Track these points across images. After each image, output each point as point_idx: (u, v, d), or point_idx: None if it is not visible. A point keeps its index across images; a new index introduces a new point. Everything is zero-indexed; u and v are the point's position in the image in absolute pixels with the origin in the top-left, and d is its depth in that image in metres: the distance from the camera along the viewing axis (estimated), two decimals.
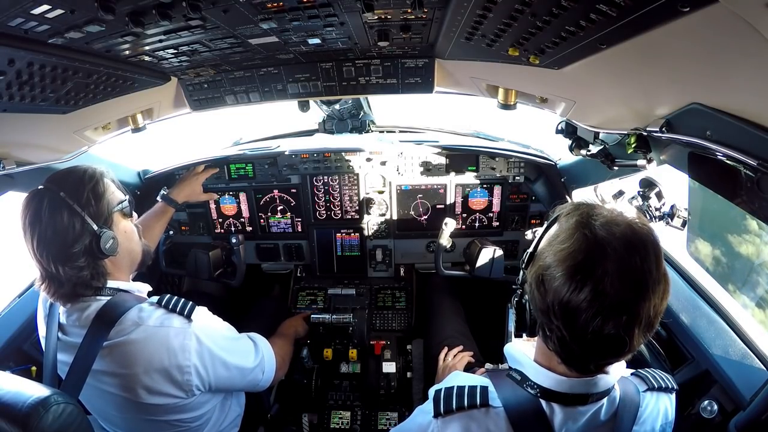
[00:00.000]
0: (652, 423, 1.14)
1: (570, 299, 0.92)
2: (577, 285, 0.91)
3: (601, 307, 0.89)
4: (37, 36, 0.96)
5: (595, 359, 1.00)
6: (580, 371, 1.03)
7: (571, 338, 0.95)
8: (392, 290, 2.97)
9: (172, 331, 1.40)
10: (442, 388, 1.16)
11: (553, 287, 0.95)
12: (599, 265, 0.90)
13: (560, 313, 0.94)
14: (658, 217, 1.62)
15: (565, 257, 0.94)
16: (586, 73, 1.22)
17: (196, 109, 2.02)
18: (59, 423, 1.09)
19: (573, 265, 0.92)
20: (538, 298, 1.00)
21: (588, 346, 0.95)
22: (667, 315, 1.78)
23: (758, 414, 1.38)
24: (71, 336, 1.43)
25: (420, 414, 1.22)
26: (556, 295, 0.94)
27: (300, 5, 1.10)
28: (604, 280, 0.89)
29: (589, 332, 0.92)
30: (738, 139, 0.96)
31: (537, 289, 1.00)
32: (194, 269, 2.50)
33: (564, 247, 0.95)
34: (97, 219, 1.38)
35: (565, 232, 0.98)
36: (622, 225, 0.94)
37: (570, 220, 1.00)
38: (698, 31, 0.80)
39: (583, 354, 0.98)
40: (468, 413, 1.09)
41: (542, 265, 1.00)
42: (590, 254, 0.92)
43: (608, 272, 0.89)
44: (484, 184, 2.71)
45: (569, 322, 0.94)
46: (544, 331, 1.03)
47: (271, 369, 1.79)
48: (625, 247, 0.90)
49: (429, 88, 1.86)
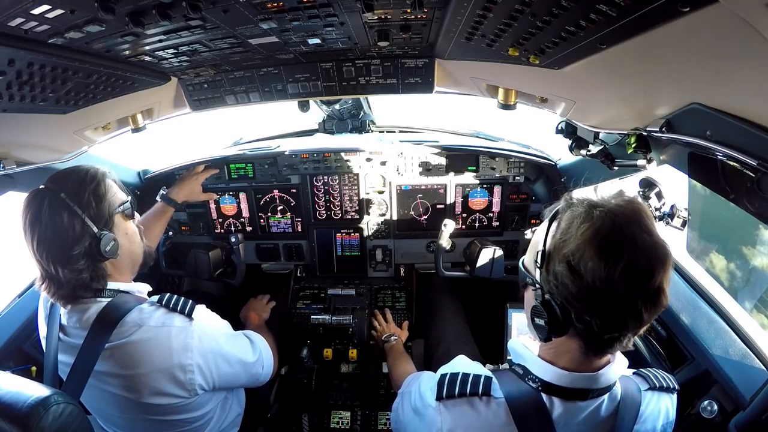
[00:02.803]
0: (653, 422, 1.15)
1: (608, 273, 0.92)
2: (612, 257, 0.92)
3: (635, 274, 0.92)
4: (37, 36, 0.96)
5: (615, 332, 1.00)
6: (595, 351, 1.04)
7: (606, 317, 0.97)
8: (392, 290, 2.97)
9: (173, 330, 1.40)
10: (448, 372, 1.19)
11: (589, 267, 0.94)
12: (626, 233, 0.94)
13: (603, 290, 0.94)
14: (658, 217, 1.62)
15: (593, 234, 0.95)
16: (586, 73, 1.22)
17: (196, 109, 2.02)
18: (59, 423, 1.09)
19: (603, 237, 0.94)
20: (571, 284, 0.98)
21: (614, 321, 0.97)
22: (668, 315, 1.80)
23: (758, 414, 1.38)
24: (72, 337, 1.42)
25: (420, 396, 1.25)
26: (595, 273, 0.93)
27: (300, 5, 1.10)
28: (635, 245, 0.93)
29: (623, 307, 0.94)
30: (738, 139, 0.96)
31: (570, 276, 0.98)
32: (194, 269, 2.50)
33: (587, 225, 0.97)
34: (97, 221, 1.38)
35: (581, 216, 0.99)
36: (618, 200, 1.00)
37: (579, 208, 1.02)
38: (698, 31, 0.80)
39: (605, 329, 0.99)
40: (469, 400, 1.11)
41: (567, 253, 0.98)
42: (614, 224, 0.95)
43: (637, 236, 0.93)
44: (484, 184, 2.71)
45: (610, 298, 0.94)
46: (575, 320, 1.01)
47: (270, 363, 1.82)
48: (634, 212, 0.97)
49: (429, 88, 1.86)
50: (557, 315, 1.01)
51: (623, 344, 1.04)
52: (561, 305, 1.01)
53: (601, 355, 1.06)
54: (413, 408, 1.28)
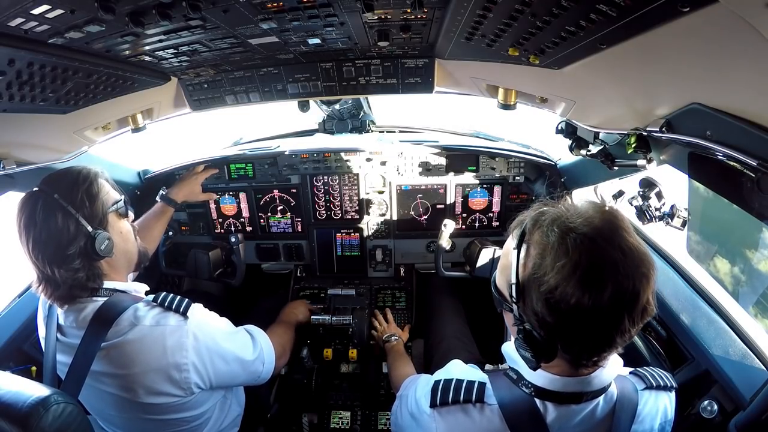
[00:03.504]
0: (650, 421, 1.15)
1: (594, 304, 0.89)
2: (596, 287, 0.89)
3: (622, 297, 0.90)
4: (37, 36, 0.96)
5: (602, 352, 1.00)
6: (585, 366, 1.04)
7: (594, 340, 0.96)
8: (392, 290, 2.97)
9: (168, 329, 1.40)
10: (442, 379, 1.18)
11: (572, 303, 0.90)
12: (607, 258, 0.90)
13: (588, 320, 0.92)
14: (658, 217, 1.62)
15: (571, 270, 0.90)
16: (586, 73, 1.22)
17: (196, 109, 2.02)
18: (59, 423, 1.09)
19: (583, 273, 0.89)
20: (554, 321, 0.95)
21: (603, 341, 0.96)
22: (667, 315, 1.80)
23: (758, 414, 1.38)
24: (69, 337, 1.43)
25: (416, 402, 1.25)
26: (579, 307, 0.90)
27: (300, 5, 1.10)
28: (618, 269, 0.89)
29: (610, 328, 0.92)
30: (738, 139, 0.96)
31: (549, 313, 0.94)
32: (194, 269, 2.50)
33: (564, 262, 0.91)
34: (91, 220, 1.38)
35: (555, 249, 0.93)
36: (591, 212, 0.96)
37: (550, 235, 0.96)
38: (698, 31, 0.80)
39: (593, 351, 0.99)
40: (463, 407, 1.11)
41: (545, 290, 0.93)
42: (592, 254, 0.90)
43: (617, 260, 0.89)
44: (484, 184, 2.71)
45: (596, 326, 0.93)
46: (564, 350, 1.00)
47: (270, 361, 1.80)
48: (611, 231, 0.92)
49: (429, 88, 1.86)
50: (541, 346, 0.99)
51: (613, 354, 1.04)
52: (543, 337, 0.99)
53: (591, 367, 1.06)
54: (410, 413, 1.28)
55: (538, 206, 1.06)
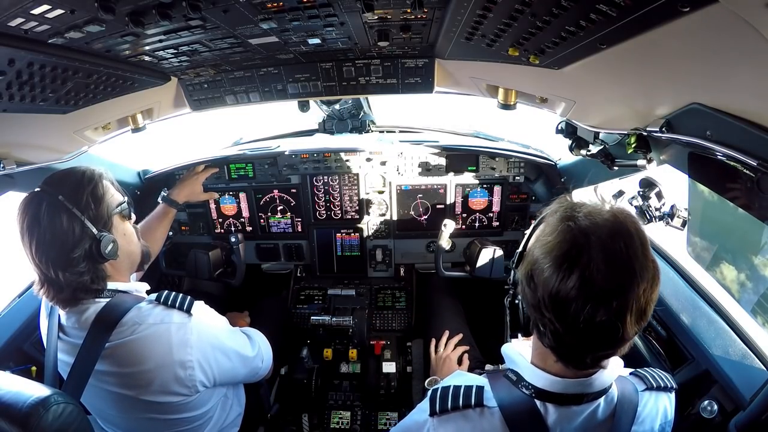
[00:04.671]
0: (651, 422, 1.14)
1: (559, 289, 0.93)
2: (564, 274, 0.93)
3: (589, 293, 0.91)
4: (37, 36, 0.96)
5: (591, 351, 1.00)
6: (576, 366, 1.03)
7: (565, 330, 0.96)
8: (392, 290, 2.97)
9: (173, 327, 1.40)
10: (439, 387, 1.17)
11: (542, 279, 0.97)
12: (584, 253, 0.92)
13: (551, 305, 0.96)
14: (658, 217, 1.62)
15: (551, 248, 0.96)
16: (586, 73, 1.22)
17: (196, 109, 2.02)
18: (59, 423, 1.09)
19: (559, 255, 0.94)
20: (530, 293, 1.02)
21: (582, 336, 0.96)
22: (667, 315, 1.80)
23: (758, 414, 1.38)
24: (72, 337, 1.42)
25: (418, 412, 1.23)
26: (546, 287, 0.96)
27: (300, 5, 1.10)
28: (590, 266, 0.90)
29: (581, 321, 0.92)
30: (738, 139, 0.96)
31: (528, 284, 1.02)
32: (194, 269, 2.50)
33: (549, 239, 0.98)
34: (96, 222, 1.37)
35: (551, 226, 1.00)
36: (605, 214, 0.97)
37: (555, 216, 1.02)
38: (698, 31, 0.80)
39: (578, 346, 0.99)
40: (463, 413, 1.10)
41: (530, 261, 1.02)
42: (575, 243, 0.93)
43: (593, 258, 0.90)
44: (484, 184, 2.71)
45: (561, 313, 0.95)
46: (538, 328, 1.04)
47: (269, 357, 1.84)
48: (608, 234, 0.93)
49: (429, 88, 1.86)
50: (519, 316, 1.06)
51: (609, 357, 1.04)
52: (524, 311, 1.06)
53: (592, 368, 1.05)
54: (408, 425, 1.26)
55: (564, 197, 1.10)
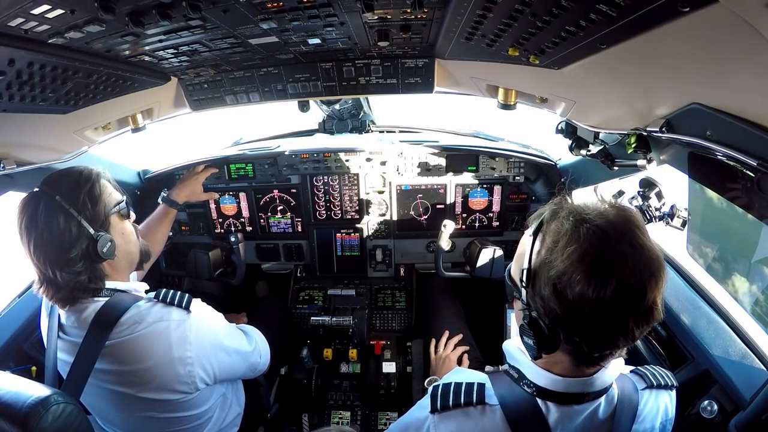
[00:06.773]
0: (651, 421, 1.14)
1: (596, 297, 0.90)
2: (600, 280, 0.90)
3: (628, 296, 0.90)
4: (37, 36, 0.96)
5: (604, 350, 1.00)
6: (587, 365, 1.04)
7: (598, 338, 0.96)
8: (392, 290, 2.97)
9: (172, 324, 1.40)
10: (440, 384, 1.17)
11: (577, 291, 0.91)
12: (617, 251, 0.90)
13: (592, 313, 0.92)
14: (658, 217, 1.62)
15: (581, 257, 0.91)
16: (586, 73, 1.22)
17: (196, 109, 2.02)
18: (59, 423, 1.09)
19: (591, 262, 0.91)
20: (558, 308, 0.96)
21: (605, 338, 0.96)
22: (668, 315, 1.80)
23: (758, 414, 1.38)
24: (71, 336, 1.43)
25: (418, 409, 1.23)
26: (584, 297, 0.91)
27: (300, 5, 1.10)
28: (626, 262, 0.89)
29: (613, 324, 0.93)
30: (738, 139, 0.96)
31: (556, 299, 0.95)
32: (194, 269, 2.50)
33: (574, 247, 0.92)
34: (93, 222, 1.37)
35: (567, 234, 0.95)
36: (608, 208, 0.97)
37: (565, 223, 0.98)
38: (698, 31, 0.80)
39: (595, 348, 0.98)
40: (464, 410, 1.10)
41: (553, 275, 0.95)
42: (603, 244, 0.91)
43: (626, 253, 0.90)
44: (484, 184, 2.71)
45: (597, 322, 0.93)
46: (567, 341, 1.00)
47: (266, 352, 1.86)
48: (625, 226, 0.93)
49: (429, 88, 1.86)
50: (545, 335, 1.00)
51: (615, 356, 1.04)
52: (548, 326, 1.00)
53: (593, 367, 1.05)
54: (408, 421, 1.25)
55: (559, 200, 1.07)
